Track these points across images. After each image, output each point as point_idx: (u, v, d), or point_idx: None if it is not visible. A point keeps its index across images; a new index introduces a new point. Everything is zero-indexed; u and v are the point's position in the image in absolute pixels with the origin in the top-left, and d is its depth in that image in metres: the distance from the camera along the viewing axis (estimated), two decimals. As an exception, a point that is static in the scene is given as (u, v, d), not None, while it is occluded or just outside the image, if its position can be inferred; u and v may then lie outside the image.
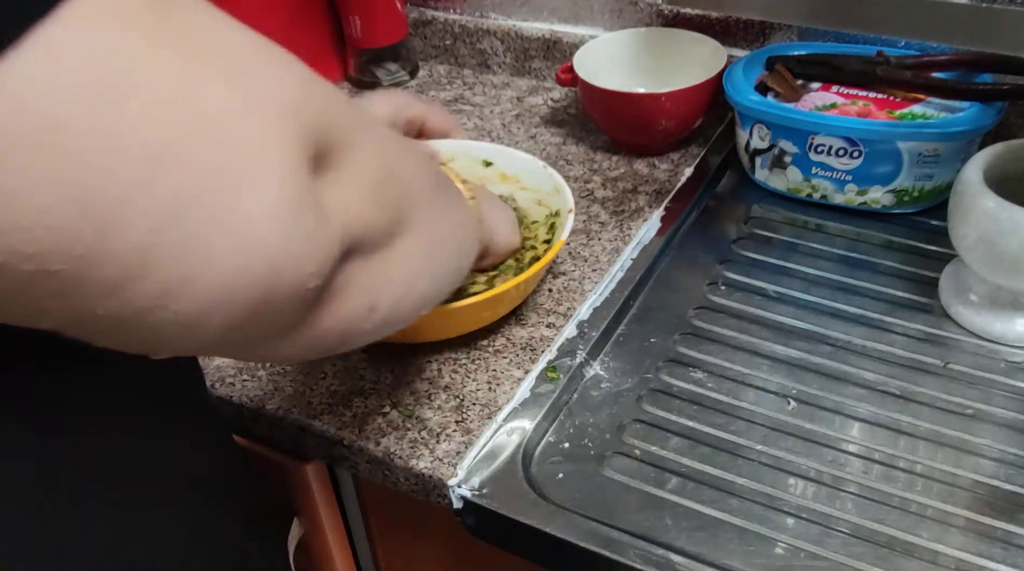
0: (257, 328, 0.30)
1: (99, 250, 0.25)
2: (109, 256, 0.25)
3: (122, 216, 0.25)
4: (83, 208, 0.24)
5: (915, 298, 0.66)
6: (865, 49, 0.78)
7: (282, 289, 0.29)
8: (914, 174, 0.71)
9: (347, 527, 0.70)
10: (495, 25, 0.98)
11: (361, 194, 0.34)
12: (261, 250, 0.28)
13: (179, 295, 0.27)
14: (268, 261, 0.28)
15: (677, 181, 0.80)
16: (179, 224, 0.26)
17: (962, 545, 0.50)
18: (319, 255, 0.30)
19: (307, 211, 0.29)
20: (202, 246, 0.26)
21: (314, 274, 0.30)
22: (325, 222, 0.30)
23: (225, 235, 0.27)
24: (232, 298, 0.28)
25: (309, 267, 0.30)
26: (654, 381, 0.61)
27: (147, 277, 0.26)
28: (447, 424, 0.58)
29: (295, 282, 0.29)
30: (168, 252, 0.26)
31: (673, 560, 0.49)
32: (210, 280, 0.27)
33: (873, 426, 0.57)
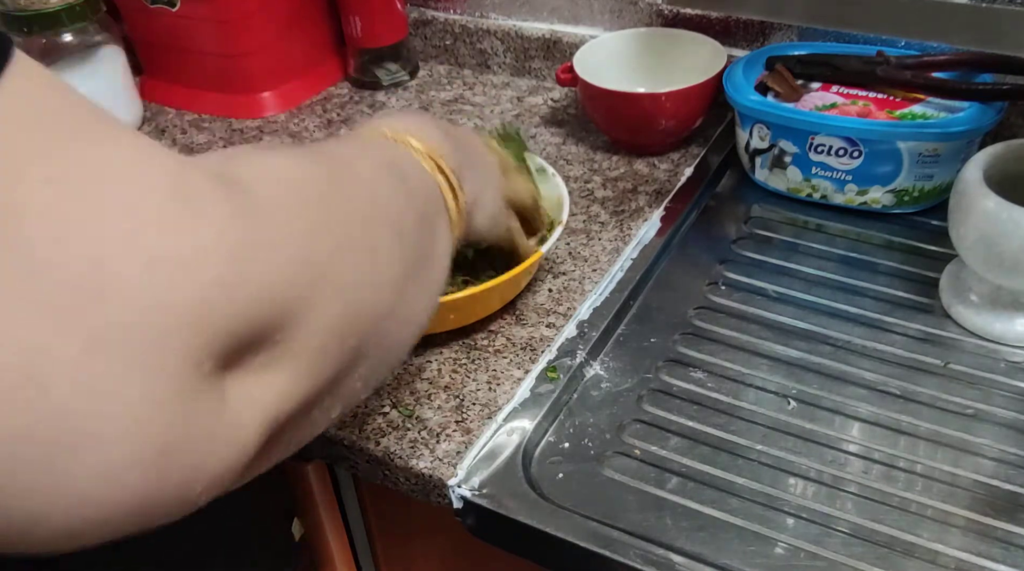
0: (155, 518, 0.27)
1: None
2: None
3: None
4: None
5: (915, 298, 0.66)
6: (865, 49, 0.78)
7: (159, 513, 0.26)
8: (914, 174, 0.71)
9: (347, 527, 0.70)
10: (495, 25, 0.99)
11: (304, 369, 0.29)
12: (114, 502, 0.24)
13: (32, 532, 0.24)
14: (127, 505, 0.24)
15: (677, 181, 0.80)
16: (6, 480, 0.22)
17: (962, 545, 0.50)
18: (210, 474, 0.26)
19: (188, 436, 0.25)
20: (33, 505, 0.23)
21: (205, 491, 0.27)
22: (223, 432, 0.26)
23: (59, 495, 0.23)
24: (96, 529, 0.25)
25: (195, 489, 0.26)
26: (654, 381, 0.61)
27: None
28: (447, 424, 0.58)
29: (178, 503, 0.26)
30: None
31: (673, 560, 0.49)
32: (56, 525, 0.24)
33: (873, 426, 0.57)
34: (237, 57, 0.95)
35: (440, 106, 0.96)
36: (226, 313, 0.25)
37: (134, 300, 0.23)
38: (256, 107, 0.97)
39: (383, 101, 0.98)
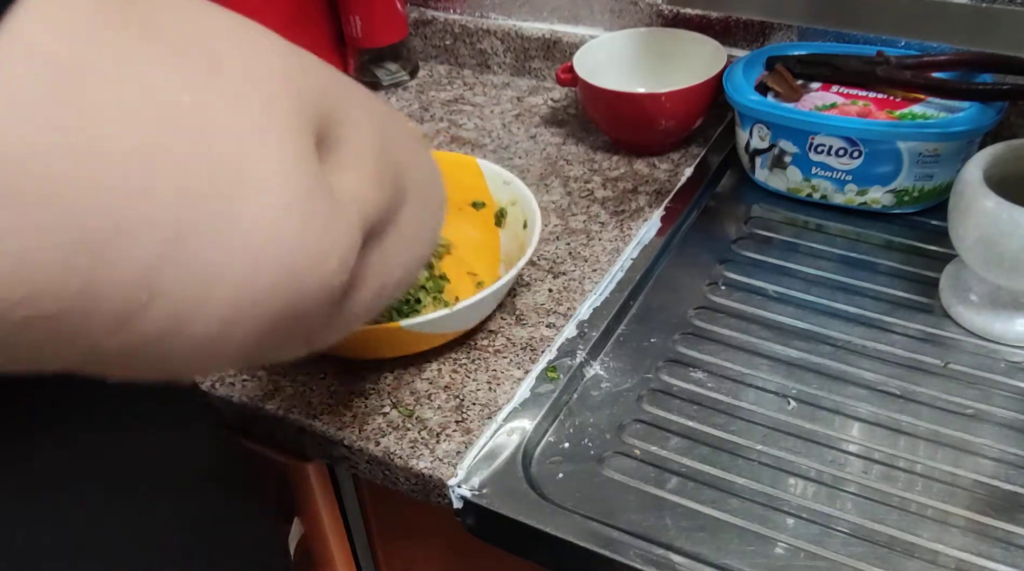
0: (285, 336, 0.28)
1: (94, 286, 0.22)
2: (106, 290, 0.23)
3: (111, 245, 0.22)
4: (67, 244, 0.21)
5: (915, 298, 0.66)
6: (865, 49, 0.78)
7: (306, 293, 0.27)
8: (914, 174, 0.71)
9: (347, 527, 0.70)
10: (495, 25, 0.99)
11: (368, 172, 0.31)
12: (274, 257, 0.25)
13: (191, 320, 0.25)
14: (284, 267, 0.26)
15: (677, 181, 0.80)
16: (177, 243, 0.23)
17: (962, 545, 0.50)
18: (341, 248, 0.28)
19: (319, 204, 0.27)
20: (207, 264, 0.24)
21: (338, 270, 0.28)
22: (341, 211, 0.28)
23: (230, 247, 0.24)
24: (251, 313, 0.26)
25: (331, 264, 0.27)
26: (654, 381, 0.61)
27: (153, 306, 0.24)
28: (447, 424, 0.58)
29: (319, 283, 0.27)
30: (170, 276, 0.23)
31: (673, 560, 0.49)
32: (223, 299, 0.25)
33: (873, 426, 0.57)
34: (237, 57, 0.95)
35: (440, 106, 0.96)
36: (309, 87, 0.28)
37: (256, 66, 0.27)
38: (256, 107, 0.97)
39: (383, 101, 0.98)
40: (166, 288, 0.23)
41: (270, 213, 0.25)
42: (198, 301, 0.24)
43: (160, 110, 0.23)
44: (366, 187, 0.31)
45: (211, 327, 0.25)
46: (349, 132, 0.30)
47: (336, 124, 0.30)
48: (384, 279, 0.34)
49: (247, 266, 0.25)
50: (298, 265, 0.26)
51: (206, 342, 0.25)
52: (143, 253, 0.23)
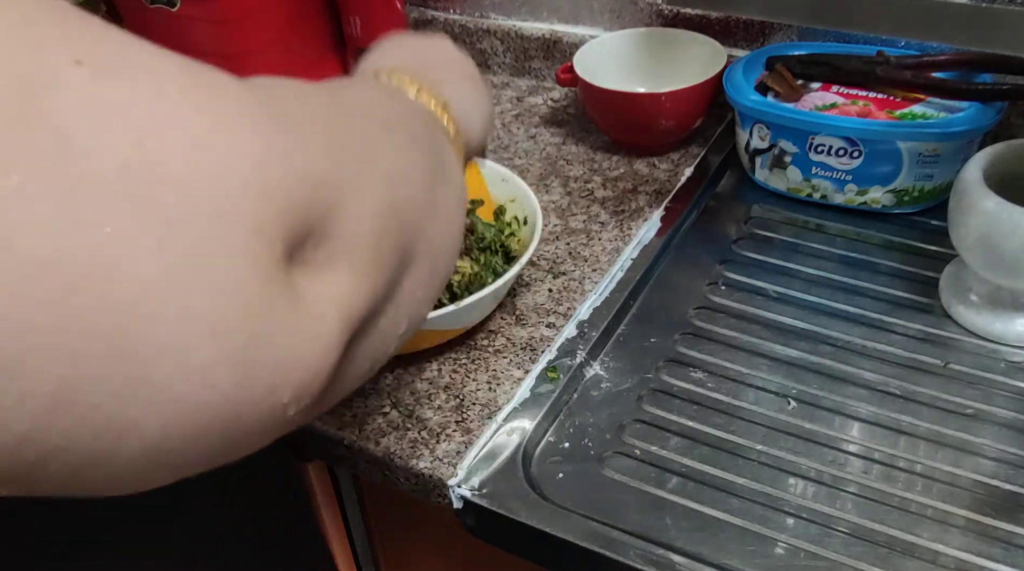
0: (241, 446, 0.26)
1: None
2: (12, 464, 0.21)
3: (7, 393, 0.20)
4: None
5: (915, 298, 0.66)
6: (865, 49, 0.78)
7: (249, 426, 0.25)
8: (914, 174, 0.71)
9: (347, 527, 0.70)
10: (495, 25, 0.99)
11: (361, 262, 0.29)
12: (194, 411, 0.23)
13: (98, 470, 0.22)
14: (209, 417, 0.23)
15: (677, 181, 0.80)
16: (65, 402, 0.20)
17: (962, 545, 0.50)
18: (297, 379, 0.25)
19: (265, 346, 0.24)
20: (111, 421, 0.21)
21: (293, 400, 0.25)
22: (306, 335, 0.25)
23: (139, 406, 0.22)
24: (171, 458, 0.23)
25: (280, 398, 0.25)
26: (654, 381, 0.61)
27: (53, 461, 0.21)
28: (447, 424, 0.58)
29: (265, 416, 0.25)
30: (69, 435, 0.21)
31: (673, 560, 0.49)
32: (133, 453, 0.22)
33: (873, 426, 0.57)
34: (237, 57, 0.95)
35: (440, 106, 0.96)
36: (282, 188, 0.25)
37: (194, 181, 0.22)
38: (256, 107, 0.97)
39: (383, 101, 0.98)
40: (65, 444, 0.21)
41: (201, 361, 0.22)
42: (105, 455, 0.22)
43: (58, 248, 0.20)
44: (355, 283, 0.28)
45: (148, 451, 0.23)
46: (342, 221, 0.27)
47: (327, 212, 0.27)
48: (377, 354, 0.32)
49: (160, 425, 0.22)
50: (231, 411, 0.24)
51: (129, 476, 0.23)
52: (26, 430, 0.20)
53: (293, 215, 0.25)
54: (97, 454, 0.22)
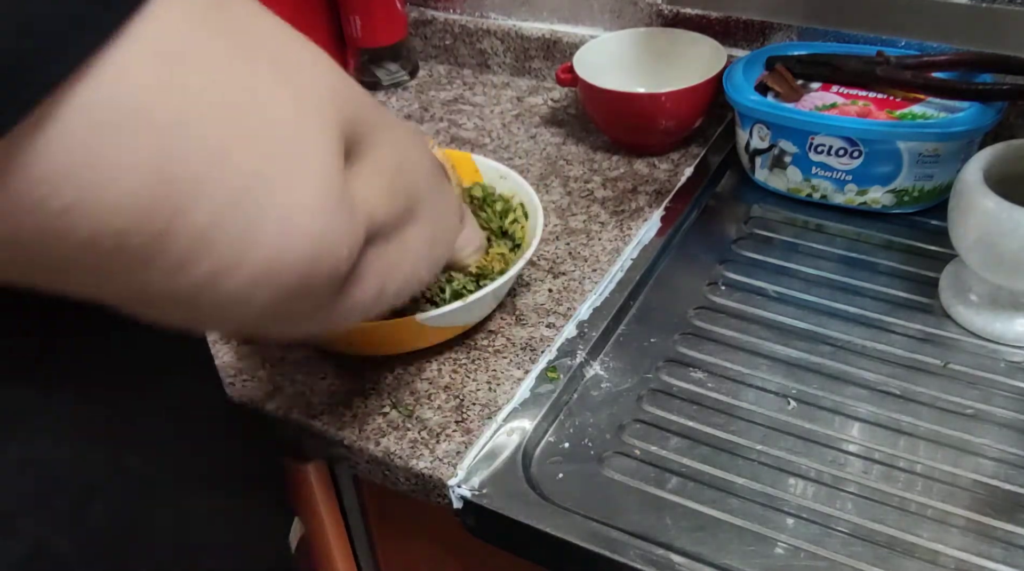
0: (293, 307, 0.33)
1: (172, 228, 0.27)
2: (179, 234, 0.27)
3: (193, 198, 0.27)
4: (164, 190, 0.27)
5: (915, 298, 0.66)
6: (865, 49, 0.78)
7: (320, 271, 0.32)
8: (914, 174, 0.71)
9: (347, 527, 0.70)
10: (495, 25, 0.98)
11: (381, 185, 0.37)
12: (305, 236, 0.30)
13: (231, 274, 0.29)
14: (310, 246, 0.31)
15: (677, 181, 0.80)
16: (237, 210, 0.28)
17: (962, 545, 0.50)
18: (351, 241, 0.33)
19: (343, 202, 0.32)
20: (253, 230, 0.29)
21: (346, 258, 0.33)
22: (354, 211, 0.34)
23: (275, 221, 0.29)
24: (276, 279, 0.31)
25: (343, 251, 0.33)
26: (654, 381, 0.61)
27: (207, 255, 0.29)
28: (447, 424, 0.58)
29: (332, 264, 0.32)
30: (226, 234, 0.28)
31: (673, 560, 0.49)
32: (256, 262, 0.30)
33: (873, 426, 0.57)
34: (237, 57, 0.95)
35: (440, 106, 0.96)
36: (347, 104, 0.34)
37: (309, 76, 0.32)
38: (256, 107, 0.97)
39: (383, 101, 0.98)
40: (217, 243, 0.28)
41: (308, 202, 0.30)
42: (238, 260, 0.29)
43: (243, 97, 0.29)
44: (377, 196, 0.36)
45: (241, 286, 0.30)
46: (373, 150, 0.36)
47: (364, 139, 0.35)
48: (382, 281, 0.39)
49: (282, 240, 0.30)
50: (320, 247, 0.31)
51: (233, 298, 0.30)
52: (209, 208, 0.28)
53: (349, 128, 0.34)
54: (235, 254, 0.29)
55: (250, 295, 0.31)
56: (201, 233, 0.28)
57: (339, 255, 0.33)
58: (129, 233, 0.27)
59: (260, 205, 0.29)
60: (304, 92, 0.31)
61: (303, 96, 0.31)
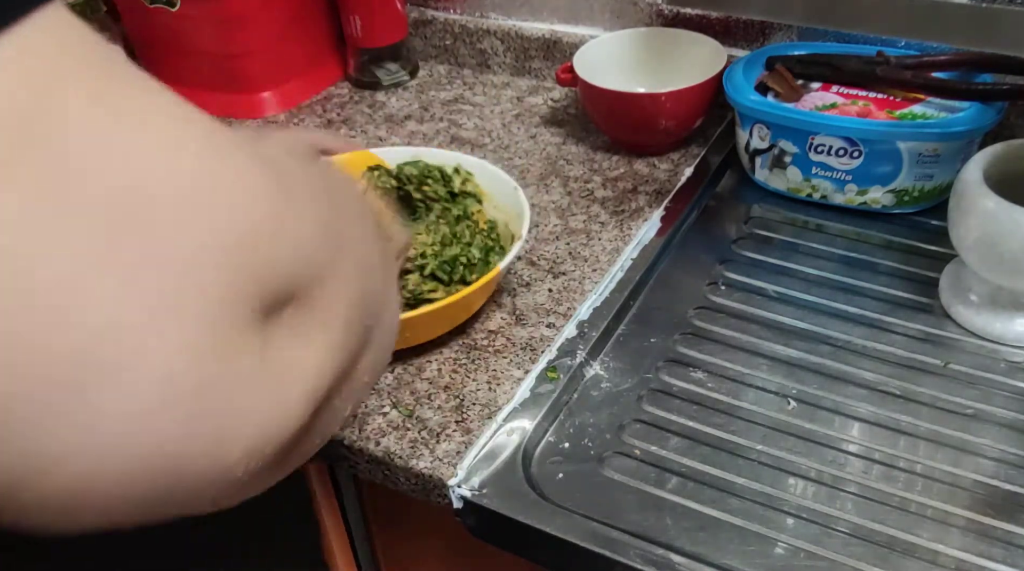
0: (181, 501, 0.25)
1: None
2: None
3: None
4: None
5: (915, 298, 0.66)
6: (865, 49, 0.78)
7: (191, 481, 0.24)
8: (914, 174, 0.71)
9: (347, 527, 0.70)
10: (495, 25, 0.99)
11: (334, 341, 0.30)
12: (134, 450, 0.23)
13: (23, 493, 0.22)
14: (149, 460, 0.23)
15: (677, 181, 0.80)
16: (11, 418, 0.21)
17: (962, 545, 0.50)
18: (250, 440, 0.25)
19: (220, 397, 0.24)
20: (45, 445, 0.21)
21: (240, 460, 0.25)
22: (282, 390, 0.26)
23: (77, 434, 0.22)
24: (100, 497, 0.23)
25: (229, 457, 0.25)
26: (654, 381, 0.61)
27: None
28: (447, 424, 0.58)
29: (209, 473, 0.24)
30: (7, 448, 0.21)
31: (673, 560, 0.49)
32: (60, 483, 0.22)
33: (873, 426, 0.57)
34: (237, 57, 0.95)
35: (440, 106, 0.96)
36: (274, 250, 0.25)
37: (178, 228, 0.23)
38: (256, 107, 0.97)
39: (383, 101, 0.98)
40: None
41: (142, 400, 0.22)
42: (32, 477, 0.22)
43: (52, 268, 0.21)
44: (325, 359, 0.29)
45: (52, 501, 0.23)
46: (325, 295, 0.29)
47: (309, 287, 0.28)
48: (326, 432, 0.33)
49: (93, 458, 0.22)
50: (172, 459, 0.23)
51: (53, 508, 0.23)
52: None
53: (277, 278, 0.26)
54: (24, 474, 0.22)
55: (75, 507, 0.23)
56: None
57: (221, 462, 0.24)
58: None
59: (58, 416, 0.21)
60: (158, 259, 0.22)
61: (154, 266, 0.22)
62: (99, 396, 0.21)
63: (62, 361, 0.21)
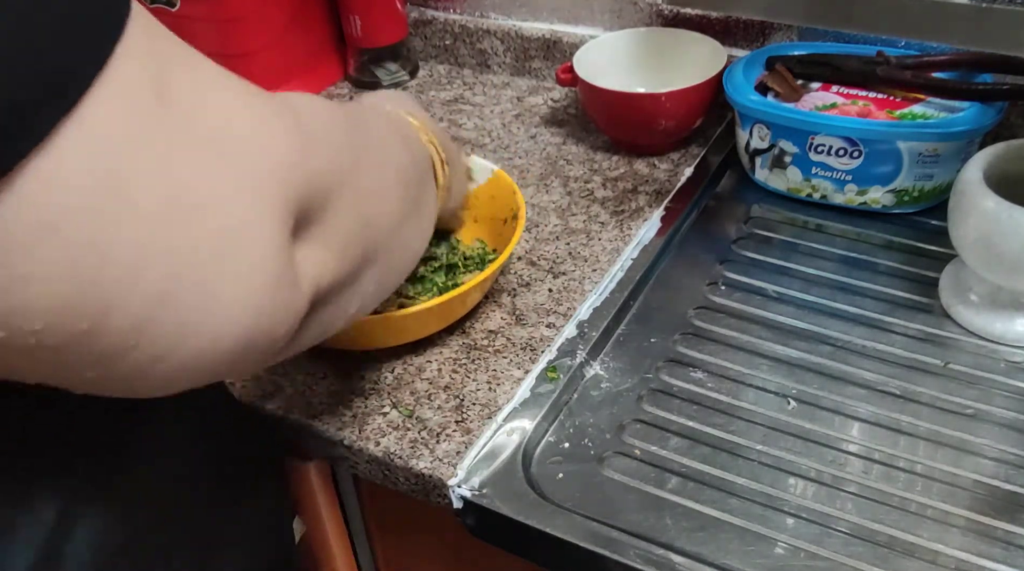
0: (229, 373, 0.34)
1: (99, 327, 0.27)
2: (107, 331, 0.27)
3: (121, 297, 0.27)
4: (87, 290, 0.26)
5: (915, 298, 0.66)
6: (865, 49, 0.78)
7: (256, 349, 0.32)
8: (914, 174, 0.71)
9: (347, 527, 0.70)
10: (495, 25, 0.99)
11: (334, 251, 0.37)
12: (240, 326, 0.30)
13: (163, 362, 0.29)
14: (246, 333, 0.31)
15: (677, 181, 0.80)
16: (169, 303, 0.28)
17: (962, 545, 0.50)
18: (291, 318, 0.33)
19: (284, 287, 0.32)
20: (187, 322, 0.29)
21: (285, 334, 0.33)
22: (299, 288, 0.34)
23: (209, 314, 0.29)
24: (211, 360, 0.31)
25: (281, 330, 0.33)
26: (654, 381, 0.61)
27: (137, 348, 0.28)
28: (447, 424, 0.58)
29: (268, 342, 0.33)
30: (157, 327, 0.28)
31: (673, 560, 0.49)
32: (191, 350, 0.29)
33: (873, 426, 0.57)
34: (237, 57, 0.95)
35: (440, 106, 0.96)
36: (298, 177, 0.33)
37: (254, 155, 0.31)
38: (256, 107, 0.97)
39: (383, 101, 0.98)
40: (151, 336, 0.28)
41: (242, 294, 0.30)
42: (171, 349, 0.29)
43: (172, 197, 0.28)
44: (327, 263, 0.36)
45: (176, 368, 0.30)
46: (329, 213, 0.36)
47: (320, 204, 0.35)
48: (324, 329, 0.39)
49: (219, 330, 0.30)
50: (257, 333, 0.31)
51: (165, 379, 0.31)
52: (134, 310, 0.27)
53: (302, 200, 0.33)
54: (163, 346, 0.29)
55: (187, 372, 0.31)
56: (127, 332, 0.27)
57: (276, 333, 0.33)
58: (50, 333, 0.26)
59: (188, 303, 0.28)
60: (242, 174, 0.30)
61: (241, 180, 0.30)
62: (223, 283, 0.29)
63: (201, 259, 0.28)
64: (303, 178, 0.33)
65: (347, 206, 0.37)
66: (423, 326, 0.62)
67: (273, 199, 0.31)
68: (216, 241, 0.29)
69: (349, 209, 0.37)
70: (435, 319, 0.62)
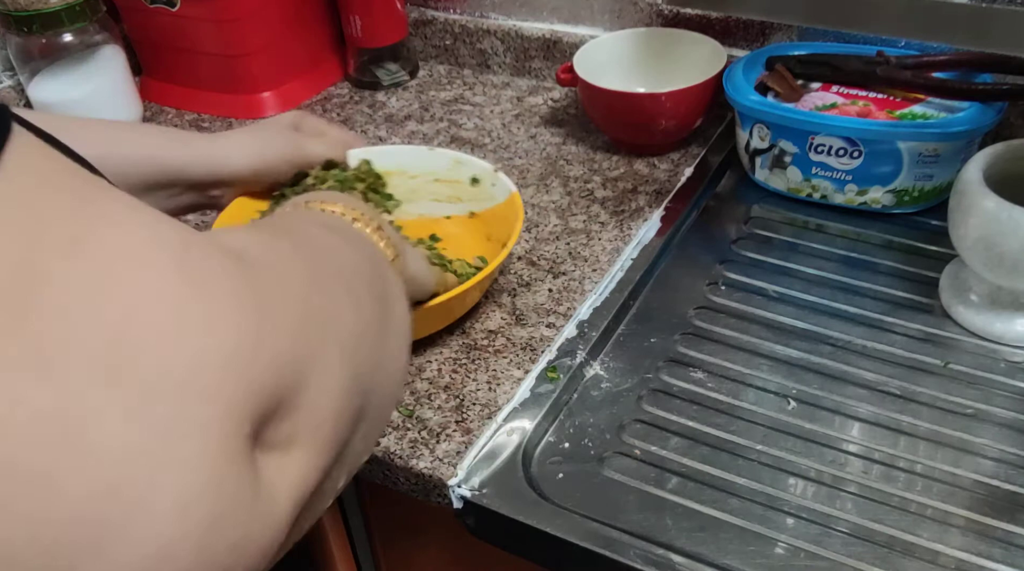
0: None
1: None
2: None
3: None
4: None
5: (915, 298, 0.66)
6: (865, 49, 0.78)
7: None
8: (914, 174, 0.71)
9: (347, 527, 0.70)
10: (495, 25, 0.99)
11: (322, 440, 0.29)
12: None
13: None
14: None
15: (677, 181, 0.80)
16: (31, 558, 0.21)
17: (962, 545, 0.50)
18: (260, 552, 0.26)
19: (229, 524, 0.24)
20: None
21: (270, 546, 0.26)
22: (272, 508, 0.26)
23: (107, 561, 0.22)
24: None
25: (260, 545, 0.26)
26: (654, 381, 0.61)
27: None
28: (447, 424, 0.58)
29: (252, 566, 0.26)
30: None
31: (673, 560, 0.49)
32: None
33: (873, 426, 0.57)
34: (237, 57, 0.95)
35: (440, 106, 0.96)
36: (255, 371, 0.25)
37: (171, 360, 0.23)
38: (256, 107, 0.97)
39: (383, 101, 0.98)
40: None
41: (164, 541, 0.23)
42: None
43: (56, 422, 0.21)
44: (312, 461, 0.29)
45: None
46: (307, 394, 0.28)
47: (293, 389, 0.27)
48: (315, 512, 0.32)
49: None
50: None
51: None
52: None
53: (262, 396, 0.26)
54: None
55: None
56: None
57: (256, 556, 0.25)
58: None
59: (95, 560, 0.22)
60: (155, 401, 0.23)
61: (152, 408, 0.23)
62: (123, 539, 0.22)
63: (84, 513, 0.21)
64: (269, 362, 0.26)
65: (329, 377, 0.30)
66: (423, 326, 0.62)
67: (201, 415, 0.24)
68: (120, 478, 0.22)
69: (332, 379, 0.30)
70: (435, 319, 0.62)
